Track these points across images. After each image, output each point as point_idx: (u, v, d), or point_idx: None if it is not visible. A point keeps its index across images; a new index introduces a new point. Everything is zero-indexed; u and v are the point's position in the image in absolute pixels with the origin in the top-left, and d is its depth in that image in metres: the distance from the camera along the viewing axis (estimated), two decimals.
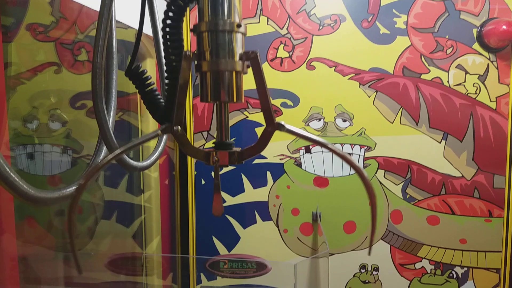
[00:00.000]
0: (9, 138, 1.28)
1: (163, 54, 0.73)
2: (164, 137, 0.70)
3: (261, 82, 0.43)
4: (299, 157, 1.26)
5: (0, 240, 0.58)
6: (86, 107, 1.28)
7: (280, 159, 1.26)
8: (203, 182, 1.30)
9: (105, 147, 0.59)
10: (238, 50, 0.44)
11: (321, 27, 1.20)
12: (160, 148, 0.67)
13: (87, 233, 1.30)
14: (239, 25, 0.44)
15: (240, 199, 1.30)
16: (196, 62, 0.45)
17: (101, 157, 0.57)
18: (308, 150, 1.25)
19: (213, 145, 0.47)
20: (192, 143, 1.24)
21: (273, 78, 1.22)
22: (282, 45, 1.22)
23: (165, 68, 0.45)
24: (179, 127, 0.44)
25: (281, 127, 0.43)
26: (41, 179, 1.21)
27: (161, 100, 0.50)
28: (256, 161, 1.27)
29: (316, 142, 0.43)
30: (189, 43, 1.16)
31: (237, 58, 0.44)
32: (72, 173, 1.29)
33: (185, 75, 0.44)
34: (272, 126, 0.44)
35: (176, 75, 0.45)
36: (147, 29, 0.79)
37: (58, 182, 1.22)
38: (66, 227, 0.41)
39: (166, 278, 1.35)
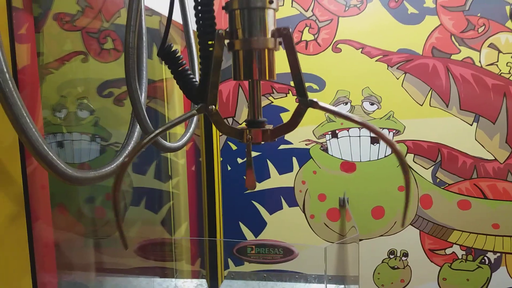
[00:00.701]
0: (39, 127, 1.31)
1: (192, 38, 0.73)
2: (195, 118, 0.70)
3: (294, 59, 0.43)
4: (326, 142, 1.24)
5: (37, 227, 0.59)
6: (113, 95, 1.30)
7: (306, 144, 1.26)
8: (229, 168, 1.31)
9: (137, 129, 0.59)
10: (270, 27, 0.44)
11: (347, 8, 1.18)
12: (191, 129, 0.68)
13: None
14: (271, 1, 0.43)
15: (266, 185, 1.30)
16: (228, 41, 0.44)
17: (133, 139, 0.58)
18: (334, 135, 1.23)
19: (245, 123, 0.47)
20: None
21: None
22: (307, 28, 1.20)
23: (198, 47, 0.45)
24: (214, 107, 0.44)
25: (314, 104, 0.43)
26: (72, 167, 1.24)
27: (194, 80, 0.50)
28: (282, 146, 1.27)
29: (349, 119, 0.43)
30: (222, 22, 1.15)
31: (269, 35, 0.43)
32: (101, 161, 1.31)
33: (218, 54, 0.43)
34: (305, 103, 0.43)
35: (210, 55, 0.45)
36: (177, 16, 0.79)
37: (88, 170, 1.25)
38: (112, 205, 0.41)
39: (194, 264, 1.37)
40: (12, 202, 0.51)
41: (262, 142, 0.46)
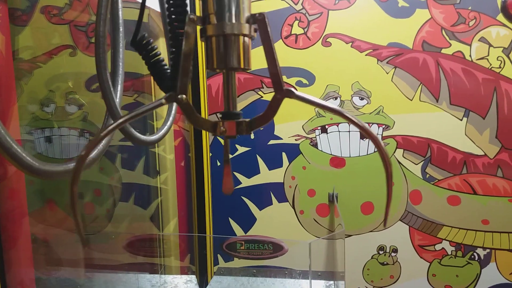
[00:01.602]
0: (28, 122, 1.30)
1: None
2: (173, 111, 0.69)
3: (269, 46, 0.41)
4: (315, 137, 1.23)
5: (8, 223, 0.58)
6: None
7: (295, 140, 1.24)
8: (218, 163, 1.29)
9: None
10: (245, 12, 0.42)
11: (337, 1, 1.16)
12: (168, 122, 0.66)
13: (106, 215, 1.32)
14: None
15: (255, 180, 1.28)
16: (201, 27, 0.43)
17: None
18: (324, 130, 1.22)
19: (220, 116, 0.45)
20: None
21: (288, 56, 1.19)
22: (296, 21, 1.19)
23: (169, 35, 0.44)
24: (184, 96, 0.43)
25: (290, 94, 0.41)
26: (60, 162, 1.22)
27: (168, 70, 0.49)
28: (271, 142, 1.26)
29: (327, 108, 0.41)
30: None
31: (243, 20, 0.42)
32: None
33: (190, 41, 0.42)
34: (281, 93, 0.41)
35: (180, 42, 0.43)
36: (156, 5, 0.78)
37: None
38: (70, 200, 0.40)
39: (184, 260, 1.36)
40: None
41: (236, 136, 0.44)
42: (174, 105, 0.71)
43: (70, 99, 1.30)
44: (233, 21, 0.41)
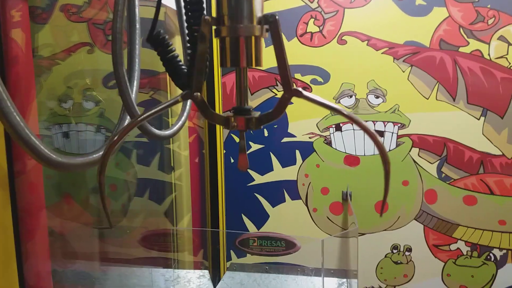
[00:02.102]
0: (46, 118, 1.33)
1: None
2: (187, 106, 0.70)
3: (280, 47, 0.42)
4: (329, 135, 1.23)
5: (26, 216, 0.60)
6: None
7: (309, 138, 1.24)
8: (232, 160, 1.30)
9: (128, 116, 0.59)
10: (257, 13, 0.43)
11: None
12: (183, 118, 0.67)
13: (121, 210, 1.34)
14: None
15: (269, 177, 1.29)
16: (215, 27, 0.44)
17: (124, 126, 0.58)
18: (338, 128, 1.22)
19: (232, 111, 0.46)
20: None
21: (303, 54, 1.19)
22: (312, 20, 1.18)
23: (186, 34, 0.45)
24: (199, 94, 0.44)
25: (298, 94, 0.42)
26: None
27: (183, 67, 0.50)
28: (285, 139, 1.26)
29: (334, 110, 0.42)
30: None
31: (255, 22, 0.42)
32: None
33: (204, 41, 0.43)
34: (289, 93, 0.42)
35: (196, 41, 0.44)
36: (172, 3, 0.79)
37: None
38: (99, 188, 0.41)
39: (197, 255, 1.37)
40: None
41: (246, 130, 0.46)
42: (189, 101, 0.72)
43: (87, 95, 1.33)
44: (246, 23, 0.42)
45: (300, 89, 0.41)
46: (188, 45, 0.47)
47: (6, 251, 0.55)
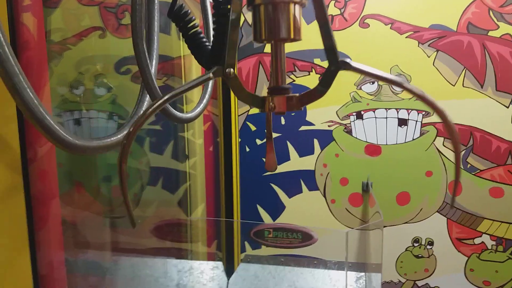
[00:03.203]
0: (57, 104, 1.30)
1: (207, 4, 0.68)
2: (209, 87, 0.66)
3: (323, 14, 0.37)
4: (350, 123, 1.18)
5: (39, 203, 0.57)
6: (130, 72, 1.26)
7: (328, 126, 1.20)
8: (247, 149, 1.26)
9: (147, 98, 0.55)
10: None
11: None
12: (205, 99, 0.63)
13: (133, 199, 1.31)
14: None
15: (285, 167, 1.25)
16: None
17: (143, 109, 0.54)
18: (359, 116, 1.17)
19: (268, 91, 0.42)
20: (235, 108, 1.19)
21: None
22: (333, 1, 1.13)
23: (213, 3, 0.40)
24: (232, 70, 0.39)
25: (345, 65, 0.37)
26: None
27: (207, 44, 0.45)
28: (303, 128, 1.21)
29: (389, 81, 0.37)
30: None
31: None
32: None
33: (236, 8, 0.38)
34: (336, 65, 0.37)
35: (225, 11, 0.40)
36: None
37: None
38: (119, 179, 0.37)
39: (211, 246, 1.34)
40: (8, 173, 0.49)
41: (285, 113, 0.41)
42: (211, 82, 0.68)
43: (99, 81, 1.29)
44: None
45: (348, 60, 0.37)
46: (214, 16, 0.43)
47: (19, 239, 0.52)
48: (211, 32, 0.66)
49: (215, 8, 0.42)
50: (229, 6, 0.40)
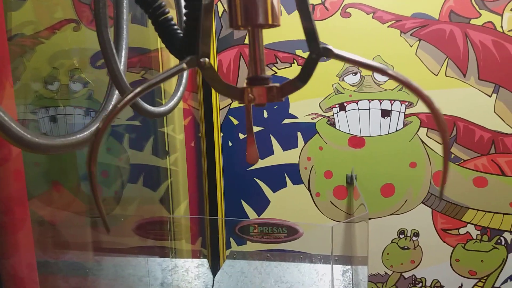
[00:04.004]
0: (31, 101, 1.24)
1: None
2: (184, 79, 0.63)
3: None
4: (333, 115, 1.16)
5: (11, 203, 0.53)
6: None
7: (311, 119, 1.18)
8: (230, 144, 1.24)
9: (116, 92, 0.52)
10: None
11: None
12: (179, 92, 0.60)
13: (114, 197, 1.27)
14: None
15: (269, 161, 1.23)
16: None
17: (112, 103, 0.50)
18: (342, 108, 1.15)
19: (246, 81, 0.39)
20: (217, 102, 1.16)
21: None
22: None
23: None
24: (207, 60, 0.36)
25: (328, 52, 0.35)
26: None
27: (179, 32, 0.42)
28: (286, 121, 1.19)
29: (372, 68, 0.35)
30: None
31: None
32: None
33: None
34: (317, 52, 0.35)
35: None
36: None
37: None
38: (89, 180, 0.34)
39: (195, 243, 1.32)
40: None
41: (266, 104, 0.38)
42: (185, 73, 0.64)
43: (75, 76, 1.24)
44: None
45: (329, 46, 0.34)
46: (185, 3, 0.40)
47: None
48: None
49: None
50: None
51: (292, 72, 1.15)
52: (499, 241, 1.14)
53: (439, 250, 1.17)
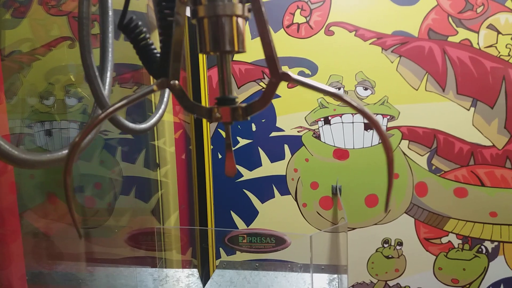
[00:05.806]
0: (27, 115, 1.28)
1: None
2: (165, 98, 0.67)
3: (264, 26, 0.39)
4: (318, 129, 1.21)
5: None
6: None
7: (298, 132, 1.22)
8: (219, 156, 1.27)
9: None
10: None
11: None
12: (160, 110, 0.64)
13: (107, 209, 1.31)
14: None
15: (257, 173, 1.26)
16: (192, 8, 0.40)
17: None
18: (327, 121, 1.20)
19: (215, 101, 0.43)
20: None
21: (290, 46, 1.16)
22: (298, 10, 1.16)
23: (158, 16, 0.41)
24: (177, 82, 0.40)
25: (286, 77, 0.39)
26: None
27: (158, 55, 0.47)
28: (273, 134, 1.23)
29: (326, 92, 0.39)
30: None
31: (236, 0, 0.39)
32: (91, 149, 1.28)
33: (180, 23, 0.39)
34: (277, 77, 0.39)
35: (170, 23, 0.41)
36: None
37: (76, 159, 1.22)
38: (65, 191, 0.38)
39: (185, 253, 1.34)
40: None
41: (232, 123, 0.42)
42: (167, 92, 0.69)
43: (70, 91, 1.29)
44: (225, 0, 0.39)
45: (289, 72, 0.38)
46: (160, 28, 0.44)
47: None
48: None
49: (161, 20, 0.43)
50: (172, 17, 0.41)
51: (278, 87, 1.20)
52: (480, 249, 1.18)
53: (422, 259, 1.21)
